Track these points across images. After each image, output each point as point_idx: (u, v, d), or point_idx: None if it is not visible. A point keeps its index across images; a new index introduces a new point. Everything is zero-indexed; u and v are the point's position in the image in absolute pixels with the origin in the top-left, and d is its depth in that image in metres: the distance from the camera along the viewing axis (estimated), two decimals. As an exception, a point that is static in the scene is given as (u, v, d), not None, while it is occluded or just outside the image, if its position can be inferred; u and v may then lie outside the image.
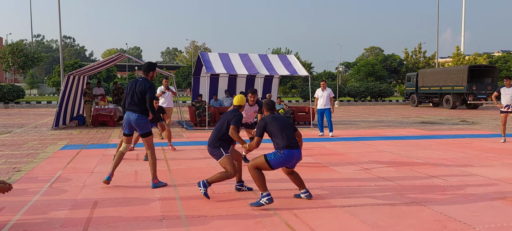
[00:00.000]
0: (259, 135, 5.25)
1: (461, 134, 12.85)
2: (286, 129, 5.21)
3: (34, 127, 15.10)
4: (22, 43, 43.68)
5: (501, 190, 5.85)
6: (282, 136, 5.14)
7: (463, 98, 27.83)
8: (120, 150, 6.25)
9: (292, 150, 5.11)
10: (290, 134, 5.18)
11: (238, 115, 5.59)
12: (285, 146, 5.09)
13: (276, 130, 5.18)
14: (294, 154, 5.13)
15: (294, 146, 5.14)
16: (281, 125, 5.22)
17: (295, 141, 5.19)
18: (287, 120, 5.39)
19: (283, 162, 5.10)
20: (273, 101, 5.57)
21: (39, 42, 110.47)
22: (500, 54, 53.05)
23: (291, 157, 5.11)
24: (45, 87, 65.07)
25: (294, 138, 5.22)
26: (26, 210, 4.92)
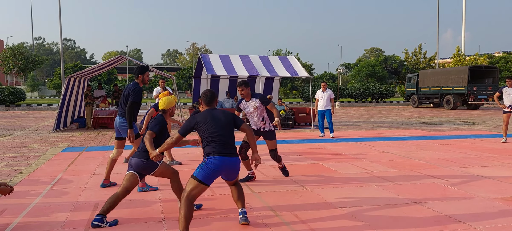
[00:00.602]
0: (181, 133, 4.31)
1: (462, 135, 12.85)
2: (220, 130, 4.21)
3: (35, 129, 15.13)
4: (23, 46, 43.82)
5: (501, 190, 5.85)
6: (211, 138, 4.18)
7: (463, 99, 27.81)
8: (111, 157, 6.14)
9: (222, 157, 4.11)
10: (223, 138, 4.18)
11: (156, 120, 4.75)
12: (212, 152, 4.13)
13: (206, 131, 4.21)
14: (224, 162, 4.11)
15: (226, 153, 4.14)
16: (214, 125, 4.21)
17: (230, 147, 4.19)
18: (225, 118, 4.32)
19: (212, 173, 4.08)
20: (213, 92, 4.53)
21: (40, 45, 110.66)
22: (500, 54, 53.02)
23: (220, 167, 4.10)
24: (46, 90, 65.19)
25: (230, 143, 4.22)
26: (27, 212, 4.93)
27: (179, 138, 4.33)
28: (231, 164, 4.15)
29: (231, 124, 4.33)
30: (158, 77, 52.91)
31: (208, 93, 4.46)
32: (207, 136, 4.19)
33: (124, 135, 6.02)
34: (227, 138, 4.21)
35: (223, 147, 4.14)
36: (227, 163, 4.12)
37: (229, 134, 4.25)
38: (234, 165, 4.20)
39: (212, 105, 4.45)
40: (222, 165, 4.09)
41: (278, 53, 61.84)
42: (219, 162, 4.09)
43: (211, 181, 4.12)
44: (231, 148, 4.20)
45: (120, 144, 6.16)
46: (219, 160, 4.09)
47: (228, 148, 4.17)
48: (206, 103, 4.43)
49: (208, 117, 4.27)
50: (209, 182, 4.10)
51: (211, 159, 4.09)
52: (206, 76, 16.67)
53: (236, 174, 4.34)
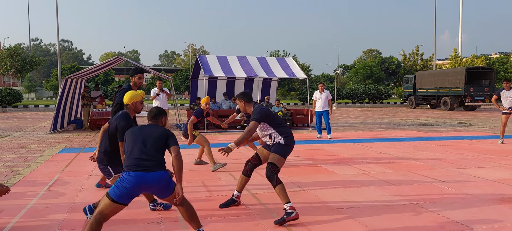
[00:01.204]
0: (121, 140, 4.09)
1: (459, 136, 12.88)
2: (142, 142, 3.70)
3: (32, 131, 15.08)
4: (20, 47, 43.63)
5: (499, 191, 5.87)
6: (131, 149, 3.70)
7: (460, 100, 27.90)
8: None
9: (138, 173, 3.54)
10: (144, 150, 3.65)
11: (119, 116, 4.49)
12: (127, 166, 3.61)
13: (128, 142, 3.78)
14: (141, 179, 3.53)
15: (143, 168, 3.56)
16: (138, 137, 3.75)
17: (148, 160, 3.60)
18: (156, 133, 3.79)
19: (126, 192, 3.53)
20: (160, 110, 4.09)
21: (37, 46, 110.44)
22: (497, 56, 53.22)
23: (135, 184, 3.53)
24: (43, 91, 65.00)
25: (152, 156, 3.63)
26: (24, 213, 4.91)
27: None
28: (150, 181, 3.55)
29: (162, 139, 3.77)
30: (155, 78, 52.85)
31: (154, 110, 4.06)
32: (127, 147, 3.76)
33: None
34: (150, 151, 3.65)
35: (140, 160, 3.59)
36: (145, 179, 3.54)
37: (153, 148, 3.68)
38: (156, 181, 3.58)
39: (156, 121, 4.01)
40: (137, 182, 3.53)
41: (276, 54, 61.90)
42: (134, 178, 3.53)
43: (128, 200, 3.58)
44: (151, 161, 3.60)
45: None
46: (134, 177, 3.53)
47: (147, 162, 3.59)
48: (149, 117, 4.03)
49: (137, 129, 3.89)
50: (123, 201, 3.55)
51: (125, 174, 3.57)
52: (203, 77, 16.67)
53: (168, 192, 3.68)
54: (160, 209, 4.92)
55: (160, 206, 4.93)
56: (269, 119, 4.86)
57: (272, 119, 4.88)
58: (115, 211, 3.56)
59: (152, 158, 3.62)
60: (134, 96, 4.57)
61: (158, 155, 3.69)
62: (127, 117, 4.51)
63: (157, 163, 3.63)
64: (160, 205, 4.93)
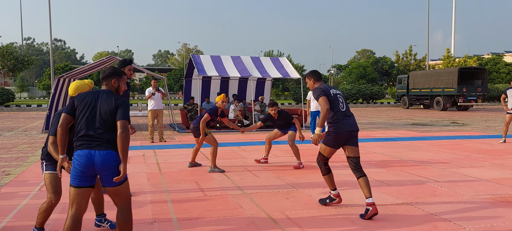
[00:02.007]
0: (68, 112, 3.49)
1: (452, 135, 12.95)
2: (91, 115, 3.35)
3: (24, 130, 14.96)
4: (12, 46, 43.30)
5: (491, 190, 5.90)
6: (79, 123, 3.38)
7: (453, 100, 28.07)
8: None
9: (85, 151, 3.27)
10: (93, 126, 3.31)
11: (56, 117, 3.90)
12: (75, 143, 3.35)
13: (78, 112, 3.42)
14: (87, 157, 3.26)
15: (89, 144, 3.27)
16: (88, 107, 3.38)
17: (97, 137, 3.28)
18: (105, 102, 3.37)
19: (76, 172, 3.31)
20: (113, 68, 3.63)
21: (30, 45, 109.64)
22: (489, 56, 53.61)
23: (82, 162, 3.26)
24: (35, 91, 64.55)
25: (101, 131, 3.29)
26: (15, 214, 4.86)
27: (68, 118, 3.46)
28: (94, 157, 3.24)
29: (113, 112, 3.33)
30: (149, 78, 52.69)
31: (107, 71, 3.56)
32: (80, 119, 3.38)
33: None
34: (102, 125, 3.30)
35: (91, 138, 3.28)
36: (92, 157, 3.24)
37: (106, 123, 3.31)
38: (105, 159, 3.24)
39: (107, 85, 3.53)
40: (84, 162, 3.25)
41: (270, 54, 61.92)
42: (80, 158, 3.26)
43: (82, 182, 3.31)
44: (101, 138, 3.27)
45: None
46: (82, 155, 3.26)
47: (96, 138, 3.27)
48: (102, 79, 3.54)
49: (90, 96, 3.42)
50: (77, 183, 3.31)
51: (75, 153, 3.31)
52: (197, 77, 16.63)
53: (111, 175, 3.28)
54: (105, 226, 4.41)
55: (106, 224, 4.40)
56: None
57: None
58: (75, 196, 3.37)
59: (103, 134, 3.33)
60: (80, 86, 4.01)
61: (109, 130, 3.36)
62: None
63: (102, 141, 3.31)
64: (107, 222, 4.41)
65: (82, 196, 3.35)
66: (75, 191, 3.35)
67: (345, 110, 4.95)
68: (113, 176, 3.28)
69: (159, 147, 10.49)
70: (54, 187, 3.95)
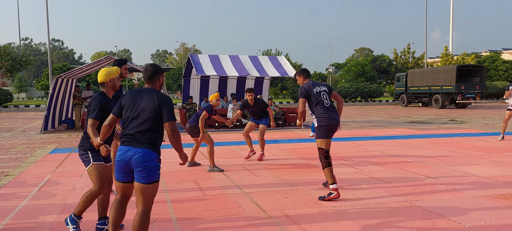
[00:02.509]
0: (114, 112, 3.67)
1: (450, 133, 12.97)
2: (133, 112, 3.48)
3: (23, 131, 14.93)
4: (9, 47, 43.22)
5: (490, 187, 5.91)
6: (124, 121, 3.54)
7: (452, 98, 28.09)
8: None
9: (123, 146, 3.46)
10: (134, 122, 3.46)
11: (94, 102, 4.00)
12: (122, 140, 3.52)
13: (124, 111, 3.56)
14: (122, 152, 3.45)
15: (130, 141, 3.44)
16: (132, 106, 3.50)
17: (139, 135, 3.42)
18: (148, 101, 3.47)
19: (115, 166, 3.51)
20: (156, 66, 3.68)
21: (27, 46, 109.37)
22: (487, 54, 53.68)
23: (121, 158, 3.44)
24: (33, 91, 64.44)
25: (141, 129, 3.43)
26: (14, 214, 4.86)
27: (113, 118, 3.64)
28: (128, 155, 3.39)
29: (156, 111, 3.45)
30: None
31: (150, 68, 3.63)
32: (125, 118, 3.53)
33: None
34: (139, 122, 3.44)
35: (128, 134, 3.45)
36: (130, 153, 3.39)
37: (144, 119, 3.44)
38: (133, 155, 3.37)
39: (153, 84, 3.62)
40: (120, 158, 3.43)
41: (268, 53, 61.91)
42: (120, 155, 3.44)
43: (119, 176, 3.50)
44: (138, 137, 3.41)
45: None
46: (120, 151, 3.45)
47: (133, 135, 3.43)
48: (146, 80, 3.62)
49: (133, 95, 3.55)
50: (118, 178, 3.51)
51: (119, 148, 3.50)
52: (195, 76, 16.62)
53: (143, 174, 3.38)
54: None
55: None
56: (309, 99, 5.57)
57: (309, 99, 5.56)
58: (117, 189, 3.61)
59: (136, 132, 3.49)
60: (111, 73, 4.08)
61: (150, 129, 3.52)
62: (104, 100, 4.03)
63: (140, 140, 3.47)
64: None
65: (126, 189, 3.60)
66: (118, 184, 3.59)
67: (329, 106, 5.58)
68: (145, 173, 3.37)
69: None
70: (101, 178, 3.98)
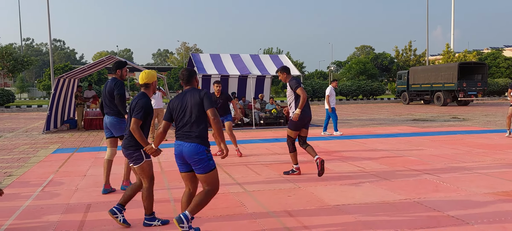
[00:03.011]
0: (165, 118, 4.07)
1: (453, 131, 12.95)
2: (182, 112, 3.94)
3: (25, 131, 14.96)
4: (11, 47, 43.26)
5: (493, 185, 5.90)
6: (175, 121, 4.01)
7: (454, 95, 28.04)
8: (106, 158, 5.88)
9: (176, 141, 3.95)
10: (183, 120, 3.92)
11: (141, 102, 4.27)
12: (176, 136, 3.99)
13: (175, 114, 4.02)
14: (176, 147, 3.94)
15: (180, 136, 3.92)
16: (180, 107, 3.96)
17: (188, 131, 3.88)
18: (192, 99, 3.94)
19: (176, 159, 4.00)
20: (189, 69, 4.14)
21: (29, 46, 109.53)
22: (489, 51, 53.55)
23: (175, 151, 3.98)
24: (35, 91, 64.50)
25: (189, 125, 3.89)
26: (18, 214, 4.87)
27: (166, 124, 4.05)
28: (183, 149, 3.86)
29: (199, 105, 3.91)
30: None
31: (185, 72, 4.10)
32: (175, 118, 4.00)
33: (116, 133, 5.79)
34: (188, 119, 3.90)
35: (182, 131, 3.92)
36: (181, 149, 3.89)
37: (192, 116, 3.89)
38: (187, 149, 3.84)
39: (190, 85, 4.08)
40: (177, 152, 3.94)
41: (269, 51, 61.90)
42: (176, 148, 3.95)
43: (180, 168, 4.01)
44: (189, 131, 3.88)
45: (113, 142, 5.89)
46: (176, 146, 3.95)
47: (186, 131, 3.89)
48: (184, 83, 4.08)
49: (179, 98, 4.02)
50: (180, 169, 4.04)
51: (175, 144, 3.98)
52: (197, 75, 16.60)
53: (198, 166, 3.86)
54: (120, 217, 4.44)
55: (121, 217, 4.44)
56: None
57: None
58: (183, 178, 4.07)
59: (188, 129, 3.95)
60: (151, 75, 4.42)
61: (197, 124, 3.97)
62: (148, 103, 4.35)
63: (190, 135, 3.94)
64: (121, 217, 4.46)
65: (188, 179, 4.04)
66: (181, 175, 4.06)
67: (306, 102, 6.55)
68: (200, 165, 3.86)
69: (160, 145, 10.49)
70: (152, 172, 4.38)
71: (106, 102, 5.83)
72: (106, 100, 5.81)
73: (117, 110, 5.76)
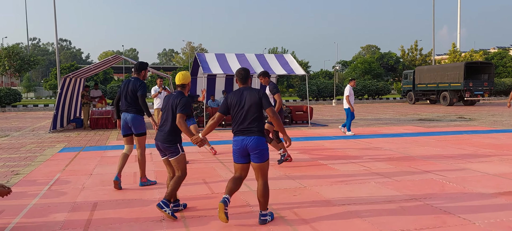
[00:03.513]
0: (221, 111, 4.48)
1: (459, 130, 12.89)
2: (241, 109, 4.32)
3: (32, 130, 15.06)
4: (18, 47, 43.47)
5: (499, 185, 5.87)
6: (234, 118, 4.39)
7: (460, 95, 27.90)
8: (124, 152, 6.16)
9: (238, 137, 4.32)
10: (243, 116, 4.30)
11: (184, 99, 4.70)
12: (233, 131, 4.40)
13: (232, 110, 4.41)
14: (238, 142, 4.31)
15: (242, 132, 4.30)
16: (238, 105, 4.35)
17: (247, 126, 4.28)
18: (250, 98, 4.32)
19: (234, 153, 4.39)
20: (246, 70, 4.59)
21: (35, 46, 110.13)
22: (496, 50, 53.24)
23: (236, 146, 4.33)
24: (42, 91, 64.86)
25: (249, 122, 4.28)
26: (25, 213, 4.90)
27: (220, 116, 4.45)
28: (246, 142, 4.27)
29: (258, 104, 4.31)
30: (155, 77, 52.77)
31: (242, 72, 4.54)
32: (234, 114, 4.38)
33: (136, 130, 6.02)
34: (248, 116, 4.29)
35: (241, 126, 4.31)
36: (242, 142, 4.29)
37: (251, 113, 4.30)
38: (250, 143, 4.26)
39: (246, 84, 4.54)
40: (237, 145, 4.33)
41: (274, 51, 61.84)
42: (235, 143, 4.35)
43: (238, 160, 4.39)
44: (248, 126, 4.28)
45: (130, 140, 6.16)
46: (235, 141, 4.35)
47: (246, 126, 4.29)
48: (241, 80, 4.53)
49: (237, 95, 4.40)
50: (236, 160, 4.41)
51: (233, 139, 4.38)
52: (202, 75, 16.64)
53: (258, 156, 4.28)
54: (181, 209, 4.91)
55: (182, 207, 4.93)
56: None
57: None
58: (235, 170, 4.46)
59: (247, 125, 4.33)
60: (186, 76, 4.93)
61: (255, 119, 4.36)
62: (189, 100, 4.79)
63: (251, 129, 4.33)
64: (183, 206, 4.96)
65: (243, 169, 4.43)
66: (236, 166, 4.45)
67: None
68: (259, 155, 4.28)
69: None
70: (185, 164, 4.83)
71: (127, 100, 6.02)
72: (128, 98, 6.00)
73: (139, 108, 6.01)
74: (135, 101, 6.00)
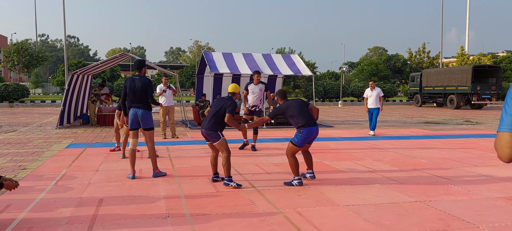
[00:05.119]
0: (271, 116, 6.26)
1: (465, 134, 12.82)
2: (303, 109, 6.03)
3: (39, 126, 15.18)
4: (26, 43, 43.78)
5: (505, 189, 5.85)
6: (301, 116, 5.97)
7: (467, 99, 27.72)
8: (130, 147, 6.47)
9: (311, 128, 5.97)
10: (307, 114, 6.01)
11: (233, 103, 6.07)
12: (304, 124, 5.93)
13: (296, 113, 6.00)
14: (312, 131, 6.00)
15: (312, 124, 6.00)
16: (299, 107, 6.03)
17: (312, 119, 6.02)
18: (301, 101, 6.15)
19: (305, 139, 5.95)
20: (284, 91, 6.43)
21: (44, 42, 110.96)
22: (504, 54, 52.82)
23: (310, 134, 5.96)
24: (49, 87, 65.38)
25: (312, 116, 6.06)
26: (32, 207, 4.96)
27: (267, 119, 6.31)
28: (316, 131, 6.03)
29: (305, 104, 6.19)
30: (161, 75, 53.00)
31: (282, 92, 6.39)
32: (298, 115, 5.97)
33: (144, 125, 6.47)
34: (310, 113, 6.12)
35: (309, 120, 6.00)
36: (315, 131, 6.00)
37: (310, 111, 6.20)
38: (317, 131, 6.06)
39: (286, 98, 6.31)
40: (310, 133, 5.95)
41: (281, 51, 61.80)
42: (309, 132, 5.94)
43: (303, 146, 6.02)
44: (313, 119, 6.06)
45: (136, 134, 6.55)
46: (309, 130, 5.93)
47: (312, 120, 6.03)
48: (282, 98, 6.34)
49: (289, 105, 6.08)
50: (302, 146, 6.00)
51: (305, 130, 5.91)
52: (209, 74, 16.69)
53: (315, 137, 6.13)
54: (220, 181, 6.16)
55: (220, 179, 6.18)
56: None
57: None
58: (296, 152, 6.05)
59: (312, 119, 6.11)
60: (238, 87, 6.43)
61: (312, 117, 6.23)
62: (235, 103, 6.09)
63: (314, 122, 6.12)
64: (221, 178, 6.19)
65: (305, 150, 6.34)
66: (302, 148, 6.19)
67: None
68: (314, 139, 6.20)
69: (171, 143, 10.59)
70: (227, 145, 5.95)
71: (137, 96, 6.39)
72: (137, 94, 6.39)
73: (148, 104, 6.47)
74: (144, 98, 6.41)
